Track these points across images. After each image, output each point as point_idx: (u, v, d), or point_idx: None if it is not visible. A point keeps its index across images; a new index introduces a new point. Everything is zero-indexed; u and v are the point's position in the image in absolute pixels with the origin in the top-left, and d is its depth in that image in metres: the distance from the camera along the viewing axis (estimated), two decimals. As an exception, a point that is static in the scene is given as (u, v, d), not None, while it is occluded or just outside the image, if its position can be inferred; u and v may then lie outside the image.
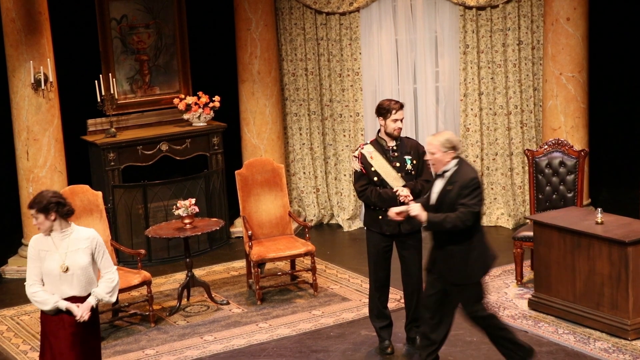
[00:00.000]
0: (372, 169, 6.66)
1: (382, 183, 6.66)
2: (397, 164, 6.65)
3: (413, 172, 6.67)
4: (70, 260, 5.23)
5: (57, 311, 5.22)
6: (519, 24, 9.84)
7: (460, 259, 5.97)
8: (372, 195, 6.65)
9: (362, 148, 6.72)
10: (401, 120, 6.62)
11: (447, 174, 5.98)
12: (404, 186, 6.63)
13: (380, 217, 6.72)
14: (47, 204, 5.20)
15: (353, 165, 6.76)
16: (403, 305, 7.10)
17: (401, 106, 6.63)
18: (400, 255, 6.83)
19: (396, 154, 6.67)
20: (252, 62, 9.88)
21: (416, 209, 6.04)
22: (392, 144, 6.68)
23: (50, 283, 5.23)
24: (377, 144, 6.71)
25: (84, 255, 5.27)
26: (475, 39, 9.86)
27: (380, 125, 6.68)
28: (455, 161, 5.99)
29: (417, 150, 6.71)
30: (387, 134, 6.68)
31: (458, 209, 5.88)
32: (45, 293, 5.21)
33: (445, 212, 5.93)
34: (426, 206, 6.07)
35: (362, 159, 6.68)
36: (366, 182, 6.68)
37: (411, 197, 6.57)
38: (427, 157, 6.07)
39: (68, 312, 5.22)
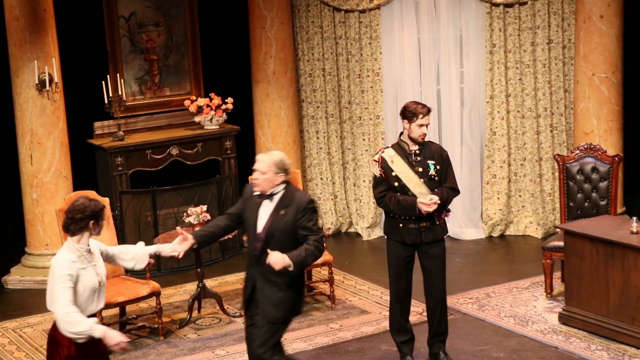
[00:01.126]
0: (393, 173, 6.66)
1: (403, 189, 6.65)
2: (420, 169, 6.65)
3: (436, 177, 6.66)
4: (100, 271, 5.22)
5: (88, 337, 5.01)
6: (549, 21, 9.81)
7: (288, 293, 5.73)
8: (391, 202, 6.65)
9: (383, 152, 6.72)
10: (427, 126, 6.62)
11: (276, 197, 5.75)
12: (432, 193, 6.62)
13: (400, 225, 6.71)
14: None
15: (372, 170, 6.76)
16: (425, 318, 7.09)
17: (428, 111, 6.62)
18: (422, 265, 6.83)
19: (419, 158, 6.66)
20: (266, 62, 9.90)
21: (276, 258, 5.56)
22: (414, 147, 6.68)
23: (83, 302, 5.10)
24: (399, 147, 6.71)
25: (102, 262, 5.29)
26: (503, 37, 9.85)
27: (404, 128, 6.68)
28: (283, 185, 5.79)
29: (441, 155, 6.71)
30: (411, 139, 6.69)
31: (301, 235, 5.67)
32: (79, 314, 5.00)
33: (278, 239, 5.68)
34: (253, 237, 5.76)
35: (383, 164, 6.68)
36: (385, 188, 6.68)
37: (436, 206, 6.57)
38: (255, 176, 5.76)
39: (94, 340, 5.04)
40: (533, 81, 9.91)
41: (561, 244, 7.71)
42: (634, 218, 7.11)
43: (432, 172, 6.65)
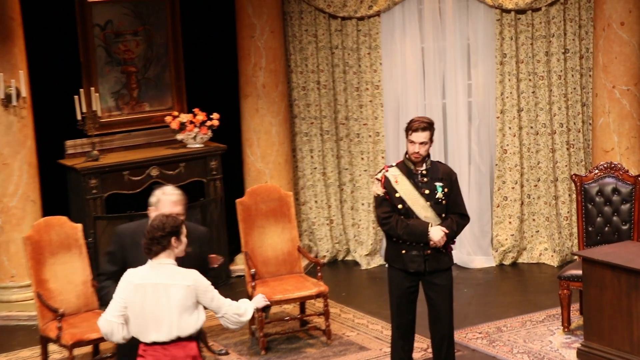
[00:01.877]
0: (397, 195, 6.63)
1: (407, 212, 6.62)
2: (426, 191, 6.62)
3: (444, 201, 6.64)
4: None
5: None
6: (565, 29, 9.80)
7: None
8: (399, 225, 6.62)
9: (387, 171, 6.71)
10: (421, 144, 6.58)
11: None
12: (440, 224, 6.62)
13: (404, 251, 6.69)
14: None
15: (374, 189, 6.74)
16: (431, 355, 7.03)
17: (425, 127, 6.57)
18: (427, 296, 6.79)
19: (425, 179, 6.64)
20: (256, 74, 9.88)
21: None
22: (421, 167, 6.66)
23: None
24: (404, 166, 6.70)
25: None
26: (514, 46, 9.83)
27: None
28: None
29: (450, 177, 6.69)
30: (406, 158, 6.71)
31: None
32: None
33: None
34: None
35: (386, 183, 6.67)
36: (390, 209, 6.66)
37: (442, 243, 6.56)
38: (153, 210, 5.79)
39: None
40: (547, 94, 9.88)
41: (579, 272, 7.66)
42: (660, 244, 7.06)
43: (439, 195, 6.62)
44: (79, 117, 9.43)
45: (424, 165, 6.66)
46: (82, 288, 7.72)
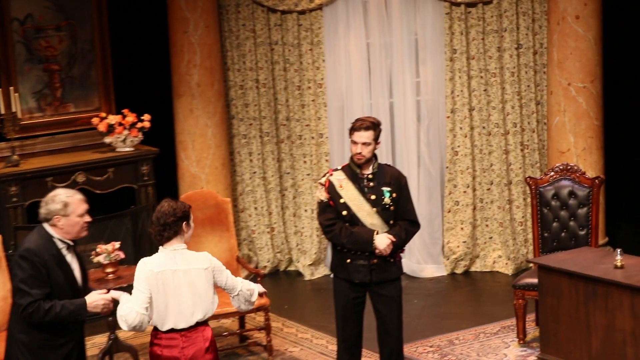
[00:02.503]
0: (341, 200, 6.64)
1: (352, 219, 6.63)
2: (372, 197, 6.63)
3: (392, 207, 6.66)
4: None
5: None
6: (518, 23, 9.90)
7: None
8: (343, 233, 6.63)
9: (331, 174, 6.72)
10: (364, 145, 6.60)
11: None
12: (388, 232, 6.63)
13: (348, 260, 6.70)
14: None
15: (317, 195, 6.76)
16: (379, 371, 7.04)
17: (367, 127, 6.60)
18: (374, 309, 6.80)
19: (372, 184, 6.65)
20: (190, 72, 9.83)
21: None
22: (367, 171, 6.66)
23: None
24: (350, 170, 6.71)
25: None
26: (465, 42, 9.90)
27: None
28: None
29: (399, 182, 6.71)
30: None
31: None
32: None
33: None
34: (74, 294, 5.74)
35: (330, 188, 6.68)
36: (334, 216, 6.67)
37: (389, 251, 6.58)
38: (62, 221, 5.67)
39: None
40: (500, 92, 9.97)
41: (535, 281, 7.72)
42: (618, 250, 7.14)
43: (386, 200, 6.64)
44: (-3, 119, 9.33)
45: (370, 168, 6.67)
46: (2, 304, 7.61)
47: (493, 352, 8.04)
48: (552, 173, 8.37)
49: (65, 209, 5.69)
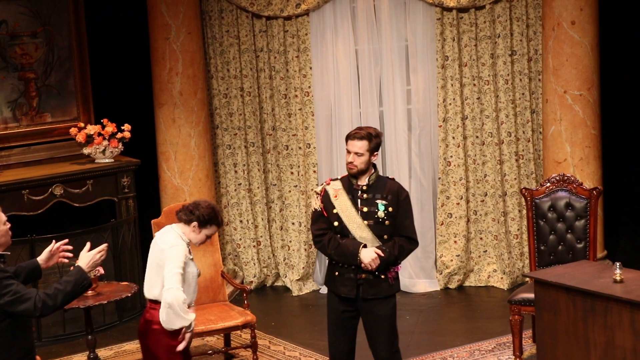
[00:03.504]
0: (334, 211, 6.67)
1: (343, 230, 6.65)
2: (365, 209, 6.64)
3: (387, 222, 6.65)
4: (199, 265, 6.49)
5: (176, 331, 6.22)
6: (512, 29, 9.93)
7: None
8: (330, 244, 6.65)
9: (329, 184, 6.76)
10: (356, 154, 6.61)
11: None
12: (378, 247, 6.62)
13: (337, 273, 6.72)
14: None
15: (312, 204, 6.79)
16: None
17: (362, 137, 6.61)
18: (364, 326, 6.79)
19: (365, 195, 6.66)
20: (172, 80, 9.83)
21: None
22: (363, 182, 6.68)
23: (190, 292, 6.34)
24: (347, 181, 6.74)
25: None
26: (457, 48, 9.92)
27: None
28: None
29: (397, 196, 6.69)
30: None
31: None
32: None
33: None
34: None
35: (325, 197, 6.71)
36: (326, 226, 6.69)
37: (375, 266, 6.58)
38: None
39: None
40: (494, 100, 9.99)
41: (531, 296, 7.72)
42: (618, 264, 7.14)
43: (380, 214, 6.64)
44: (-29, 129, 9.31)
45: (366, 180, 6.68)
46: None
47: (488, 370, 8.05)
48: (549, 184, 8.38)
49: None
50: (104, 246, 5.79)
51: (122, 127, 9.75)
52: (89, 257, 5.72)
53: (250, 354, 8.25)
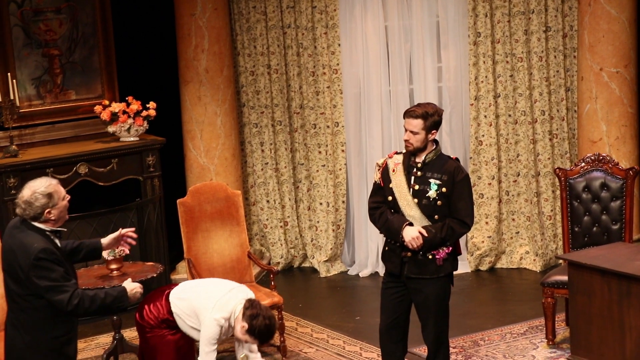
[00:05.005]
0: (390, 185, 6.73)
1: (395, 206, 6.72)
2: (417, 187, 6.67)
3: (439, 202, 6.66)
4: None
5: None
6: (546, 4, 9.87)
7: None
8: (380, 218, 6.74)
9: (391, 157, 6.82)
10: (412, 133, 6.62)
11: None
12: (425, 226, 6.64)
13: (386, 248, 6.84)
14: None
15: (374, 175, 6.89)
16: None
17: (416, 115, 6.60)
18: (414, 305, 6.88)
19: (419, 173, 6.68)
20: (197, 57, 9.84)
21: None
22: (420, 159, 6.70)
23: None
24: (408, 156, 6.78)
25: None
26: (489, 25, 9.88)
27: None
28: None
29: (453, 177, 6.67)
30: None
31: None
32: None
33: None
34: None
35: (384, 171, 6.77)
36: (382, 200, 6.76)
37: (416, 245, 6.58)
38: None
39: None
40: (527, 78, 9.95)
41: (565, 278, 7.71)
42: (654, 245, 7.13)
43: (431, 193, 6.65)
44: (-6, 107, 9.36)
45: (423, 157, 6.69)
46: (1, 302, 7.64)
47: (520, 354, 8.03)
48: (583, 164, 8.35)
49: (52, 199, 5.74)
50: (140, 285, 5.99)
51: (147, 105, 9.77)
52: (134, 286, 5.96)
53: (277, 336, 8.27)
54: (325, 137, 10.16)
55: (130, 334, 8.79)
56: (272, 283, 8.27)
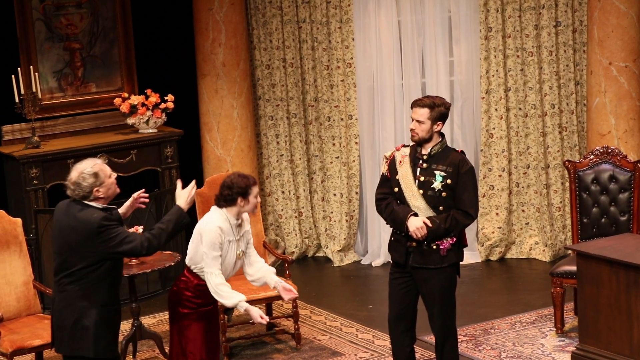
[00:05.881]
0: (397, 176, 6.75)
1: (401, 197, 6.74)
2: (422, 178, 6.68)
3: (444, 193, 6.66)
4: (242, 248, 6.50)
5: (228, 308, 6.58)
6: (556, 0, 9.86)
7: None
8: (386, 209, 6.76)
9: (399, 150, 6.84)
10: (418, 122, 6.65)
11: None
12: (430, 217, 6.65)
13: (392, 238, 6.85)
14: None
15: (382, 167, 6.92)
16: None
17: (423, 104, 6.64)
18: (421, 295, 6.88)
19: (425, 164, 6.70)
20: (215, 51, 9.86)
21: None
22: (425, 151, 6.72)
23: (223, 271, 6.37)
24: (414, 148, 6.79)
25: (247, 238, 6.58)
26: (500, 19, 9.87)
27: None
28: None
29: (458, 169, 6.66)
30: None
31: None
32: (229, 288, 6.29)
33: None
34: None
35: (391, 163, 6.80)
36: (388, 191, 6.78)
37: (420, 235, 6.61)
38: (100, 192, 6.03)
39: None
40: (537, 72, 9.94)
41: (574, 268, 7.72)
42: (661, 236, 7.13)
43: (436, 185, 6.66)
44: (16, 99, 9.37)
45: (429, 149, 6.70)
46: (23, 290, 7.70)
47: (529, 342, 8.04)
48: (592, 156, 8.35)
49: (98, 178, 6.00)
50: (193, 183, 6.19)
51: (166, 98, 9.80)
52: (185, 194, 6.16)
53: (292, 324, 8.30)
54: (339, 130, 10.18)
55: (149, 321, 8.83)
56: (287, 272, 8.30)
